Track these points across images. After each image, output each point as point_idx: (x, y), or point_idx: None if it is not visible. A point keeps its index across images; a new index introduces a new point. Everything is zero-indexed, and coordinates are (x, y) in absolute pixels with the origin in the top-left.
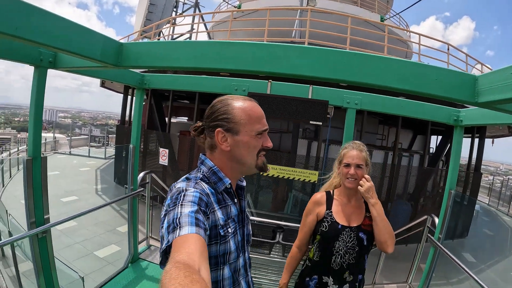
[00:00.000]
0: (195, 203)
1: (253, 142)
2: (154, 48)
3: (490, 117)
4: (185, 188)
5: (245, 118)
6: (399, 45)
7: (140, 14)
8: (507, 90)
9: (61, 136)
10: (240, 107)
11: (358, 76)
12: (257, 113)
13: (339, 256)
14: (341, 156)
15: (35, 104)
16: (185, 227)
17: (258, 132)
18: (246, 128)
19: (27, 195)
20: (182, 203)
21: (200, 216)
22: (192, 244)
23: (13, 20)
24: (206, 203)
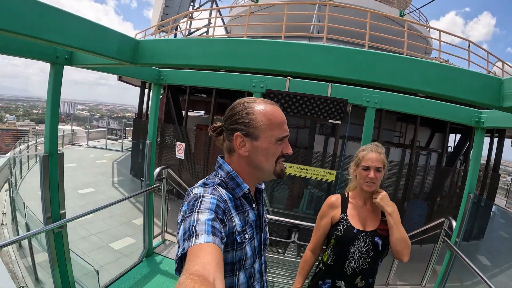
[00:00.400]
0: (212, 210)
1: (273, 148)
2: (171, 45)
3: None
4: (202, 194)
5: (266, 123)
6: (418, 41)
7: (157, 9)
8: None
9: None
10: (261, 111)
11: (381, 78)
12: (278, 119)
13: (353, 260)
14: (359, 158)
15: (51, 100)
16: (201, 236)
17: (278, 139)
18: (266, 134)
19: (43, 190)
20: (199, 210)
21: (216, 224)
22: (208, 254)
23: (27, 20)
24: (224, 210)
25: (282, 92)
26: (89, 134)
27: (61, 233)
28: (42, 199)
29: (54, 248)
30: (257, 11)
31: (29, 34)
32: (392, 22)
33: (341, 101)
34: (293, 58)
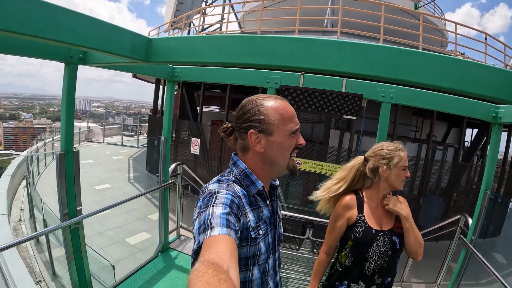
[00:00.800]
0: (227, 205)
1: (287, 142)
2: (183, 43)
3: None
4: (217, 190)
5: (279, 118)
6: (434, 33)
7: (170, 5)
8: None
9: (95, 125)
10: (272, 107)
11: (397, 73)
12: (289, 112)
13: (373, 261)
14: (396, 160)
15: (66, 99)
16: (216, 228)
17: (292, 132)
18: (280, 129)
19: (60, 188)
20: (214, 204)
21: (231, 218)
22: (223, 244)
23: (39, 22)
24: (238, 206)
25: (296, 87)
26: (105, 131)
27: (78, 229)
28: (58, 196)
29: (70, 244)
30: (270, 6)
31: (42, 36)
32: (407, 15)
33: (356, 96)
34: (307, 54)
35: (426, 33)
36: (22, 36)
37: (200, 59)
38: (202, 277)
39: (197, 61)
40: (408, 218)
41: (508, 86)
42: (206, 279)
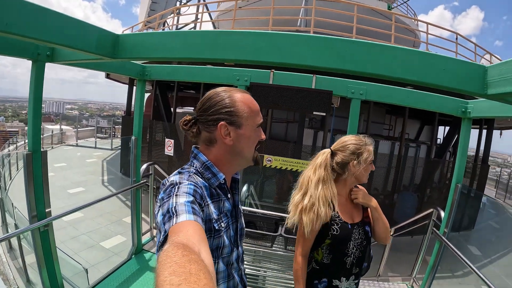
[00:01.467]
0: (190, 194)
1: (253, 135)
2: (150, 39)
3: (499, 110)
4: (179, 181)
5: (248, 111)
6: (406, 34)
7: (144, 5)
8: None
9: (68, 128)
10: (241, 100)
11: (363, 66)
12: (256, 106)
13: (352, 254)
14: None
15: (33, 98)
16: (182, 215)
17: (258, 125)
18: (248, 122)
19: (27, 189)
20: (177, 193)
21: (196, 206)
22: (191, 229)
23: (3, 16)
24: (201, 196)
25: (267, 84)
26: (78, 133)
27: (47, 232)
28: (26, 198)
29: (40, 247)
30: (244, 6)
31: (6, 30)
32: (380, 15)
33: (326, 93)
34: (274, 49)
35: (398, 33)
36: None
37: (167, 55)
38: (171, 258)
39: (163, 56)
40: (377, 208)
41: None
42: (176, 259)
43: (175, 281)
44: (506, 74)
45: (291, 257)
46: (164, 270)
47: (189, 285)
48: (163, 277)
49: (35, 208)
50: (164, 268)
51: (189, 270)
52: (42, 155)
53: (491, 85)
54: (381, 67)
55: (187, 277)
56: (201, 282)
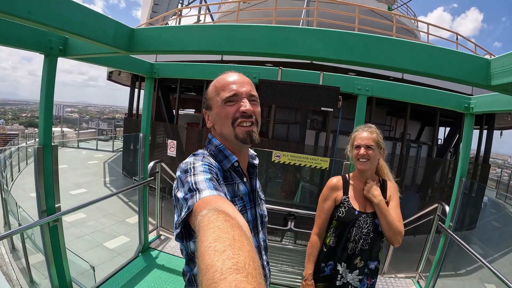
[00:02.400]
0: (207, 172)
1: (223, 111)
2: (165, 33)
3: (502, 104)
4: (194, 161)
5: (212, 90)
6: (407, 35)
7: (146, 7)
8: None
9: (69, 130)
10: (212, 83)
11: (372, 58)
12: (222, 81)
13: (354, 242)
14: (352, 139)
15: (45, 93)
16: (205, 190)
17: (225, 100)
18: (214, 100)
19: (37, 184)
20: (194, 173)
21: (215, 183)
22: (220, 200)
23: (26, 4)
24: (216, 173)
25: (275, 81)
26: (79, 136)
27: (57, 227)
28: (36, 192)
29: (49, 243)
30: (246, 8)
31: (29, 17)
32: (381, 16)
33: (333, 89)
34: (286, 42)
35: (399, 34)
36: (9, 17)
37: (182, 48)
38: (213, 222)
39: (179, 50)
40: (380, 205)
41: (480, 71)
42: (218, 224)
43: (220, 247)
44: (508, 65)
45: (300, 251)
46: (208, 235)
47: (234, 251)
48: (207, 242)
49: (45, 203)
50: (208, 233)
51: (233, 236)
52: (53, 149)
53: (494, 77)
54: (390, 59)
55: (232, 243)
56: (244, 248)
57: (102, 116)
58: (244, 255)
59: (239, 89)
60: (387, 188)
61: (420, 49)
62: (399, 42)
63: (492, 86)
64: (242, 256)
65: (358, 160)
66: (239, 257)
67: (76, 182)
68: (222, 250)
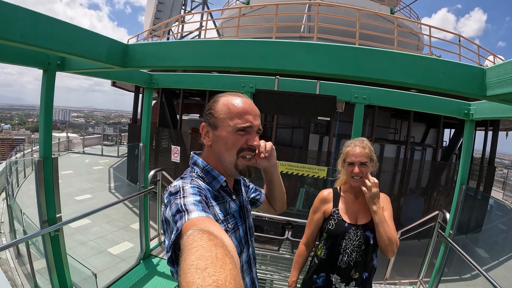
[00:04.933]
0: (196, 194)
1: (232, 138)
2: (159, 48)
3: (502, 110)
4: (182, 185)
5: (225, 112)
6: (409, 37)
7: (149, 13)
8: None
9: (75, 135)
10: (223, 102)
11: (363, 71)
12: (239, 108)
13: (346, 254)
14: (344, 154)
15: (44, 106)
16: (194, 212)
17: (239, 129)
18: (225, 123)
19: (39, 195)
20: (183, 195)
21: (204, 205)
22: (207, 221)
23: (18, 27)
24: (206, 196)
25: (271, 91)
26: (84, 141)
27: (58, 237)
28: (37, 203)
29: (51, 252)
30: (248, 13)
31: (21, 41)
32: (383, 19)
33: (330, 98)
34: (279, 56)
35: (402, 37)
36: (2, 41)
37: (176, 64)
38: (197, 241)
39: (172, 65)
40: (378, 212)
41: (475, 80)
42: (202, 243)
43: (202, 265)
44: (503, 75)
45: None
46: (191, 254)
47: (216, 269)
48: (189, 261)
49: (46, 213)
50: (191, 252)
51: (216, 254)
52: (53, 161)
53: (490, 87)
54: (381, 72)
55: (214, 261)
56: (226, 267)
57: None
58: (225, 273)
59: (254, 121)
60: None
61: (412, 60)
62: (391, 54)
63: (487, 97)
64: (223, 274)
65: (352, 178)
66: (220, 275)
67: (81, 188)
68: (203, 267)
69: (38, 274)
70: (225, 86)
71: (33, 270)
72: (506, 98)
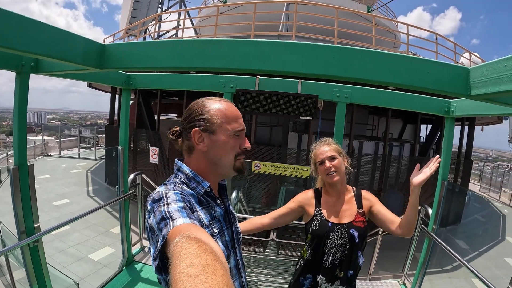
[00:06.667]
0: (180, 200)
1: (231, 142)
2: (137, 48)
3: (482, 108)
4: (165, 191)
5: (222, 117)
6: (387, 35)
7: (125, 12)
8: (500, 83)
9: (51, 138)
10: (216, 107)
11: (348, 71)
12: (233, 113)
13: (331, 254)
14: (313, 158)
15: (18, 111)
16: (179, 219)
17: (235, 132)
18: (223, 127)
19: (15, 204)
20: (166, 202)
21: (188, 211)
22: (193, 228)
23: None
24: (189, 202)
25: (253, 91)
26: (61, 144)
27: (37, 247)
28: (14, 213)
29: (31, 263)
30: (226, 12)
31: None
32: (360, 18)
33: (312, 97)
34: (261, 56)
35: (379, 35)
36: None
37: (154, 65)
38: (186, 249)
39: (151, 67)
40: (417, 195)
41: (459, 80)
42: (191, 250)
43: (193, 273)
44: (488, 75)
45: (283, 261)
46: (181, 261)
47: (207, 276)
48: (180, 268)
49: (24, 223)
50: (180, 260)
51: (206, 261)
52: (29, 169)
53: (474, 86)
54: (367, 72)
55: (204, 268)
56: (218, 273)
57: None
58: (217, 280)
59: (243, 125)
60: (363, 197)
61: (397, 60)
62: (374, 54)
63: (472, 96)
64: (216, 281)
65: (327, 175)
66: (213, 282)
67: (58, 193)
68: (195, 275)
69: (18, 284)
70: (205, 87)
71: (13, 281)
72: (490, 97)
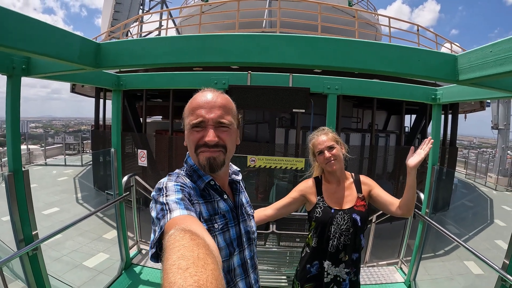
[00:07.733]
0: (179, 191)
1: (189, 136)
2: (134, 46)
3: (468, 93)
4: (166, 182)
5: (186, 111)
6: (368, 28)
7: (106, 14)
8: (486, 67)
9: (35, 147)
10: (190, 100)
11: (345, 62)
12: (194, 104)
13: (335, 239)
14: (312, 148)
15: (11, 115)
16: (176, 210)
17: (192, 125)
18: (186, 122)
19: (12, 212)
20: (166, 193)
21: (187, 202)
22: (189, 220)
23: None
24: (189, 193)
25: (245, 86)
26: (46, 152)
27: (36, 256)
28: (11, 221)
29: (31, 272)
30: (208, 10)
31: None
32: (342, 12)
33: (303, 90)
34: (261, 50)
35: (361, 28)
36: None
37: (152, 61)
38: (179, 241)
39: (149, 63)
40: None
41: (448, 66)
42: (183, 243)
43: (183, 265)
44: (474, 61)
45: (284, 253)
46: (173, 253)
47: (197, 269)
48: (171, 260)
49: (22, 231)
50: (173, 252)
51: (197, 254)
52: (24, 174)
53: (462, 72)
54: (362, 62)
55: (195, 261)
56: (208, 266)
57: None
58: (207, 274)
59: (206, 115)
60: (362, 182)
61: (388, 50)
62: (371, 44)
63: (460, 81)
64: (205, 274)
65: (326, 164)
66: (202, 275)
67: (47, 202)
68: (185, 267)
69: None
70: (198, 84)
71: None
72: (477, 82)
